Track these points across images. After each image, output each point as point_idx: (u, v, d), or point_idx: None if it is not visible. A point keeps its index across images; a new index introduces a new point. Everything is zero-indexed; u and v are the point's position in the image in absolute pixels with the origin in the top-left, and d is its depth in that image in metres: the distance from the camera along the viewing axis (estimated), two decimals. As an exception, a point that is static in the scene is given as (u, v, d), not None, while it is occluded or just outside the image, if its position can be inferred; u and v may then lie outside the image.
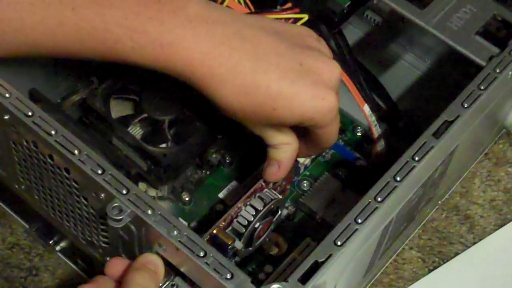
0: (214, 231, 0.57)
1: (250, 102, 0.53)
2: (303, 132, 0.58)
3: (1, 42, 0.53)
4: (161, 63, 0.52)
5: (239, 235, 0.58)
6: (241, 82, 0.52)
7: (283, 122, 0.55)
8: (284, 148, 0.58)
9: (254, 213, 0.58)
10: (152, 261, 0.52)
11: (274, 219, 0.61)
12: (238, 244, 0.58)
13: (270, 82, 0.52)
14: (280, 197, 0.60)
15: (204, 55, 0.52)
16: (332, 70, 0.55)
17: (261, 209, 0.59)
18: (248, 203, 0.59)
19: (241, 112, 0.54)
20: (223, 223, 0.58)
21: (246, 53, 0.53)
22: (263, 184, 0.60)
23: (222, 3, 0.63)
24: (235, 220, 0.58)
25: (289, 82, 0.53)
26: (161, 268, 0.52)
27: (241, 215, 0.58)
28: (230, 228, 0.58)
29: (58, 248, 0.66)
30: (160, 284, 0.52)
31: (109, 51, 0.53)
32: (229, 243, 0.57)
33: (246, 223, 0.58)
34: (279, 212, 0.61)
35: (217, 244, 0.57)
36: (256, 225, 0.59)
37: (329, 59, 0.56)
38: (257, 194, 0.59)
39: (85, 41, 0.52)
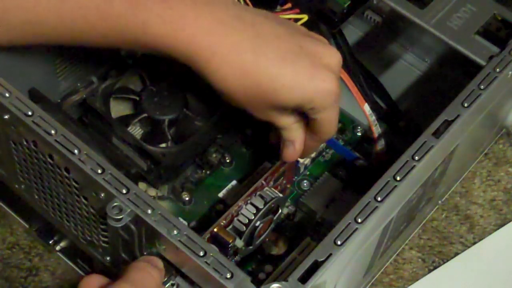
0: (215, 229, 0.57)
1: (250, 83, 0.53)
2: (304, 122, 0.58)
3: (4, 19, 0.53)
4: (163, 42, 0.52)
5: (239, 233, 0.58)
6: (241, 62, 0.52)
7: (283, 104, 0.54)
8: (294, 127, 0.58)
9: (254, 212, 0.58)
10: (153, 262, 0.52)
11: (275, 218, 0.61)
12: (239, 243, 0.58)
13: (270, 62, 0.53)
14: (281, 195, 0.60)
15: (205, 34, 0.52)
16: (332, 55, 0.55)
17: (262, 207, 0.59)
18: (248, 201, 0.59)
19: (242, 94, 0.54)
20: (224, 221, 0.58)
21: (247, 34, 0.53)
22: (264, 182, 0.60)
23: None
24: (235, 219, 0.58)
25: (289, 63, 0.53)
26: (162, 270, 0.52)
27: (242, 214, 0.58)
28: (231, 226, 0.58)
29: (58, 248, 0.66)
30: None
31: (112, 28, 0.52)
32: (230, 241, 0.57)
33: (247, 221, 0.58)
34: (280, 211, 0.61)
35: (218, 242, 0.57)
36: (257, 224, 0.59)
37: (329, 45, 0.56)
38: (258, 193, 0.60)
39: (88, 18, 0.52)
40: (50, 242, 0.66)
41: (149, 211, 0.50)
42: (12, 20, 0.53)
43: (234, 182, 0.65)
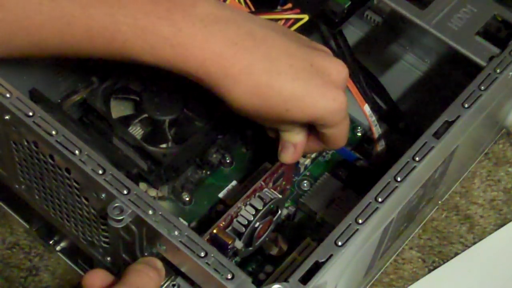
0: (214, 231, 0.57)
1: (263, 103, 0.53)
2: (314, 130, 0.58)
3: (9, 41, 0.52)
4: (171, 63, 0.52)
5: (239, 234, 0.58)
6: (254, 83, 0.52)
7: (294, 121, 0.55)
8: (297, 130, 0.58)
9: (254, 213, 0.58)
10: (151, 263, 0.52)
11: (274, 219, 0.61)
12: (238, 244, 0.58)
13: (283, 83, 0.53)
14: (280, 196, 0.60)
15: (216, 56, 0.52)
16: (340, 70, 0.55)
17: (261, 208, 0.59)
18: (248, 202, 0.59)
19: (254, 112, 0.54)
20: (223, 222, 0.58)
21: (259, 53, 0.53)
22: (263, 183, 0.60)
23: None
24: (235, 220, 0.58)
25: (302, 83, 0.53)
26: (161, 270, 0.52)
27: (241, 215, 0.58)
28: (230, 227, 0.58)
29: (58, 248, 0.66)
30: (162, 283, 0.52)
31: (118, 50, 0.52)
32: (229, 242, 0.57)
33: (246, 222, 0.58)
34: (279, 211, 0.61)
35: (217, 243, 0.57)
36: (256, 225, 0.59)
37: (335, 59, 0.56)
38: (257, 194, 0.60)
39: (94, 41, 0.52)
40: (50, 242, 0.66)
41: (150, 212, 0.50)
42: (15, 41, 0.53)
43: (234, 183, 0.65)
